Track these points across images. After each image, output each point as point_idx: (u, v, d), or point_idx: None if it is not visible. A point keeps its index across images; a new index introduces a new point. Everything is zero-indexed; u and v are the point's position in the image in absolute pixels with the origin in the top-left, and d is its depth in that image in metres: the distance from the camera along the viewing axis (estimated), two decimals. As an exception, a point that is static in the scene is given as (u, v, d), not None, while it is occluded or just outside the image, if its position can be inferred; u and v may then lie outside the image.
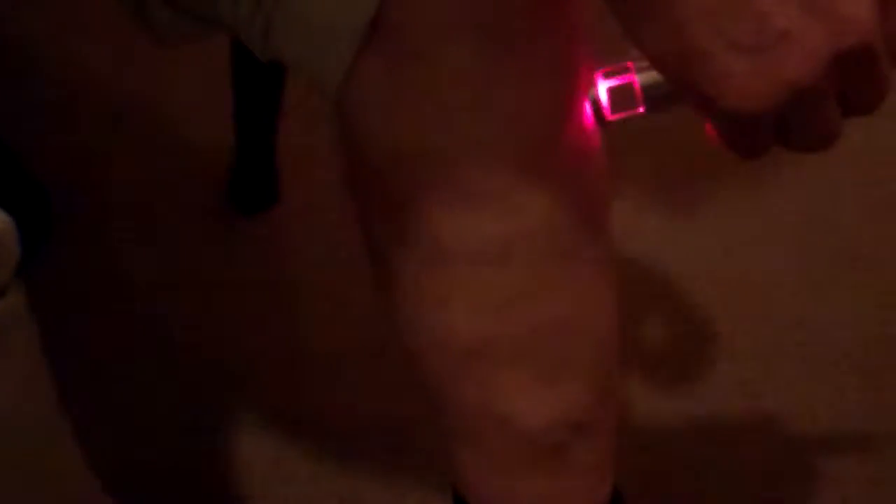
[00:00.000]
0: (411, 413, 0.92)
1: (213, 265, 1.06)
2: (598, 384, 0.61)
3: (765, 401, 0.98)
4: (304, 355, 1.01)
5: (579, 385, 0.59)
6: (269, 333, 1.02)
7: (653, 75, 0.52)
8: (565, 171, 0.54)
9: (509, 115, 0.51)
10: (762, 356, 1.02)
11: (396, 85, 0.50)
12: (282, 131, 1.07)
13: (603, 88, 0.52)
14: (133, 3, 0.57)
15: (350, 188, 0.57)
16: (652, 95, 0.52)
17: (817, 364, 1.01)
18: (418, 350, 0.59)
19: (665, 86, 0.51)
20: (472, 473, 0.63)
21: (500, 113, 0.51)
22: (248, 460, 0.93)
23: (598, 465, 0.64)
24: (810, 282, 1.08)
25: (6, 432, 0.49)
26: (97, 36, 1.23)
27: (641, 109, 0.52)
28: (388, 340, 0.95)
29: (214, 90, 1.07)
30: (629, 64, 0.52)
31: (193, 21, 0.56)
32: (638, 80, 0.52)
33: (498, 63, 0.49)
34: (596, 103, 0.53)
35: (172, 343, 1.00)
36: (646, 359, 1.01)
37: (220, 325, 1.02)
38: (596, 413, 0.61)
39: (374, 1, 0.47)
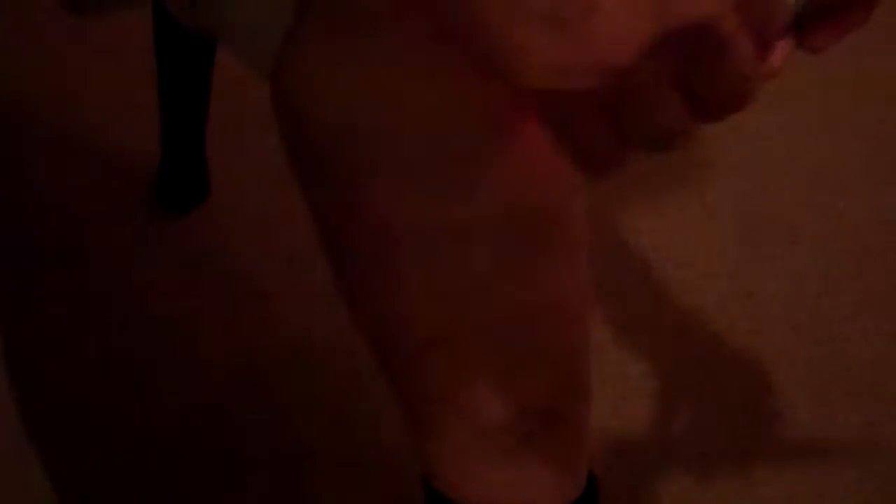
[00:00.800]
0: (366, 410, 0.92)
1: (145, 266, 1.05)
2: (567, 372, 0.58)
3: (716, 376, 0.98)
4: (245, 353, 0.98)
5: (547, 373, 0.56)
6: (207, 333, 1.00)
7: None
8: (526, 153, 0.49)
9: (457, 91, 0.46)
10: (709, 333, 1.02)
11: (336, 56, 0.46)
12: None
13: None
14: None
15: (294, 170, 0.53)
16: None
17: (767, 338, 1.01)
18: (377, 338, 0.56)
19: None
20: (438, 464, 0.60)
21: (447, 87, 0.46)
22: (197, 470, 0.91)
23: (569, 454, 0.61)
24: (753, 256, 1.08)
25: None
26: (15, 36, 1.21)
27: None
28: (334, 342, 0.96)
29: (139, 87, 1.05)
30: None
31: None
32: None
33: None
34: None
35: (110, 348, 0.98)
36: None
37: (156, 327, 1.00)
38: (565, 402, 0.58)
39: None
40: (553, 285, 0.54)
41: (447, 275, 0.51)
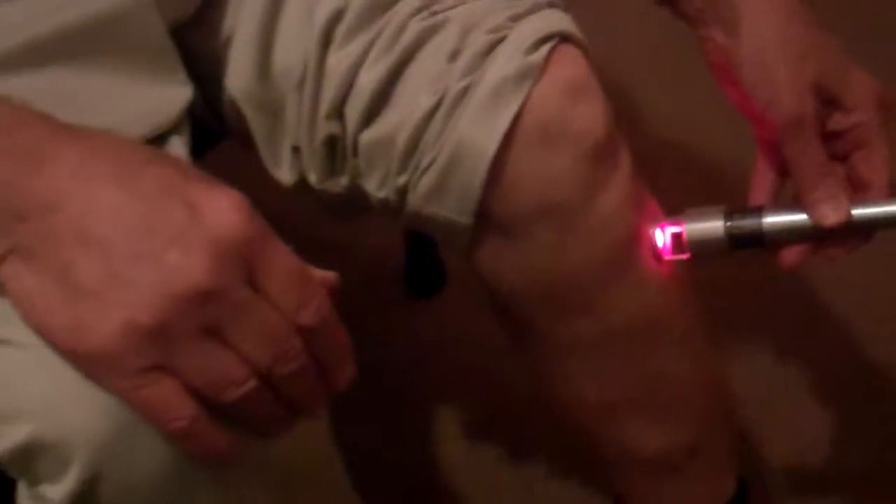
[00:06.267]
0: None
1: (393, 341, 1.25)
2: (704, 420, 0.82)
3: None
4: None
5: (683, 423, 0.81)
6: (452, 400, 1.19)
7: (705, 226, 0.71)
8: (646, 275, 0.73)
9: (584, 253, 0.70)
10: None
11: (503, 252, 0.71)
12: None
13: (661, 235, 0.72)
14: (303, 186, 0.76)
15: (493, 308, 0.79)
16: (699, 244, 0.70)
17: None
18: (567, 407, 0.81)
19: (713, 236, 0.70)
20: (622, 486, 0.87)
21: (575, 253, 0.70)
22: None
23: (714, 471, 0.85)
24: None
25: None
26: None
27: (687, 255, 0.71)
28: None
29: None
30: (681, 223, 0.71)
31: (354, 198, 0.75)
32: (686, 230, 0.70)
33: (565, 232, 0.70)
34: (654, 246, 0.72)
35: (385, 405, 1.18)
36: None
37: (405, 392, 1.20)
38: (703, 439, 0.82)
39: (476, 196, 0.68)
40: (682, 363, 0.78)
41: (603, 365, 0.77)
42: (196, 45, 0.74)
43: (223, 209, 0.49)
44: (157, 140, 0.66)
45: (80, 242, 0.49)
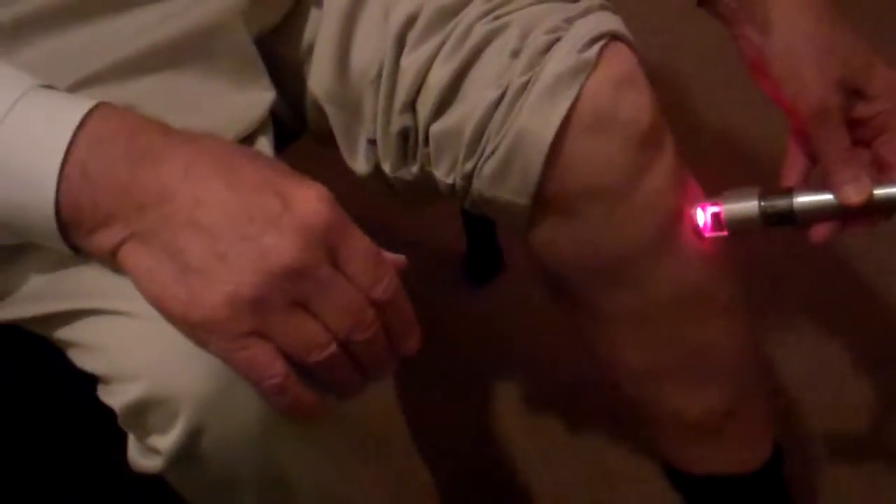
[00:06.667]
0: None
1: (455, 322, 1.30)
2: (739, 386, 0.88)
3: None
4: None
5: (722, 388, 0.87)
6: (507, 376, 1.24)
7: (740, 206, 0.77)
8: (688, 250, 0.79)
9: (631, 229, 0.77)
10: None
11: (553, 232, 0.78)
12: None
13: (701, 214, 0.78)
14: (378, 177, 0.82)
15: (544, 284, 0.86)
16: (735, 222, 0.76)
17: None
18: (614, 373, 0.88)
19: (748, 215, 0.76)
20: (664, 446, 0.93)
21: (622, 230, 0.76)
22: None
23: (750, 436, 0.91)
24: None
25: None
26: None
27: (726, 233, 0.77)
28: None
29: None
30: (719, 203, 0.78)
31: (424, 185, 0.81)
32: (723, 210, 0.77)
33: (613, 211, 0.76)
34: (695, 224, 0.78)
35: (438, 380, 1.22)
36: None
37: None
38: (741, 403, 0.88)
39: (535, 178, 0.74)
40: (717, 333, 0.84)
41: (647, 334, 0.82)
42: (280, 52, 0.82)
43: (311, 199, 0.56)
44: (246, 140, 0.74)
45: (191, 228, 0.56)
